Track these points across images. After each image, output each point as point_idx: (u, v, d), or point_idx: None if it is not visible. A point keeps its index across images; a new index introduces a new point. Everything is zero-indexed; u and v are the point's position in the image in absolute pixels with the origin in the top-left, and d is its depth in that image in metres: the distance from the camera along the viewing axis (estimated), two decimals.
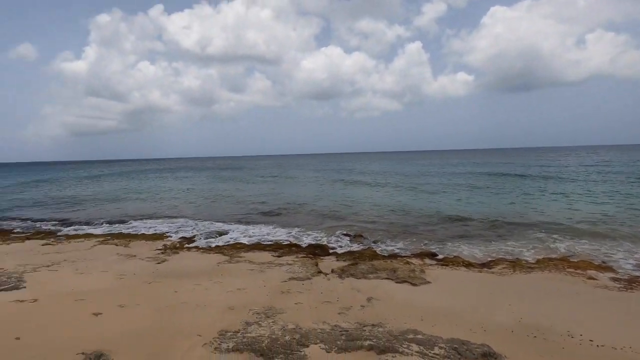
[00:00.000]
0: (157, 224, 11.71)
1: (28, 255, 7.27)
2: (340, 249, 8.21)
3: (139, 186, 28.30)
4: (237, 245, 8.33)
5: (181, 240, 8.99)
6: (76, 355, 3.07)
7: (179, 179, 36.05)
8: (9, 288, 4.77)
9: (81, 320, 3.80)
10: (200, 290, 5.00)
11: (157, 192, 23.36)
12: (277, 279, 5.65)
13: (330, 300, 4.68)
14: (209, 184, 28.23)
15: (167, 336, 3.55)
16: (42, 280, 5.23)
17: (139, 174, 48.87)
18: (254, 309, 4.32)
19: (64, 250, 7.80)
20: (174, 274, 5.89)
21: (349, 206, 14.62)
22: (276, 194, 19.35)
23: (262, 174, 38.25)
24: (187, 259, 7.13)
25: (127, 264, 6.56)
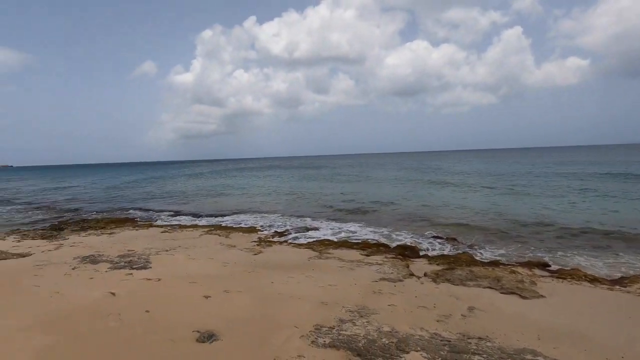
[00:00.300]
0: (251, 218, 12.65)
1: (151, 240, 8.50)
2: (431, 251, 7.75)
3: (234, 183, 31.09)
4: (326, 242, 8.47)
5: (273, 234, 9.53)
6: (192, 332, 3.41)
7: (268, 177, 38.59)
8: (139, 267, 5.59)
9: (194, 301, 4.23)
10: (293, 283, 5.18)
11: (250, 188, 25.32)
12: (367, 278, 5.55)
13: (426, 305, 4.40)
14: (295, 182, 29.56)
15: (267, 324, 3.72)
16: (163, 263, 6.02)
17: (234, 172, 53.81)
18: (347, 307, 4.28)
19: (177, 237, 8.91)
20: (269, 265, 6.24)
21: (437, 207, 13.78)
22: (361, 193, 19.27)
23: (346, 173, 38.62)
24: (280, 252, 7.50)
25: (229, 253, 7.18)
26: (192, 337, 3.33)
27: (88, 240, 8.51)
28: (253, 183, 30.56)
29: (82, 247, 7.68)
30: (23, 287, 4.64)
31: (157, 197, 22.09)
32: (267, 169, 59.46)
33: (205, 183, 32.62)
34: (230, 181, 33.96)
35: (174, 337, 3.30)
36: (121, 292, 4.35)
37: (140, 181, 38.68)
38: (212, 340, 3.30)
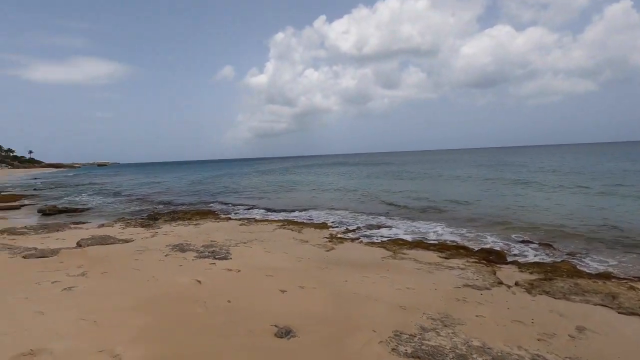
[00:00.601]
0: (321, 214, 12.75)
1: (231, 232, 9.03)
2: (522, 257, 6.91)
3: (304, 179, 31.90)
4: (399, 242, 8.10)
5: (344, 231, 9.44)
6: (270, 326, 3.44)
7: (337, 173, 38.82)
8: (221, 258, 5.93)
9: (271, 295, 4.30)
10: (368, 283, 5.00)
11: (319, 185, 25.71)
12: (448, 283, 5.12)
13: (522, 320, 3.86)
14: (364, 179, 29.22)
15: (343, 324, 3.61)
16: (242, 254, 6.31)
17: (304, 168, 55.33)
18: (428, 313, 3.97)
19: (254, 231, 9.34)
20: (342, 262, 6.14)
21: (522, 208, 12.34)
22: (433, 191, 18.23)
23: (416, 170, 37.04)
24: (352, 249, 7.37)
25: (302, 248, 7.27)
26: (271, 331, 3.35)
27: (178, 230, 9.37)
28: (322, 179, 30.99)
29: (172, 236, 8.47)
30: (127, 269, 5.21)
31: (234, 191, 23.67)
32: (336, 166, 59.94)
33: (277, 179, 34.06)
34: (300, 177, 34.97)
35: (253, 329, 3.36)
36: (206, 281, 4.62)
37: (220, 177, 41.94)
38: (290, 336, 3.29)
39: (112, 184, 34.88)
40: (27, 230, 9.71)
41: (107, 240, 7.20)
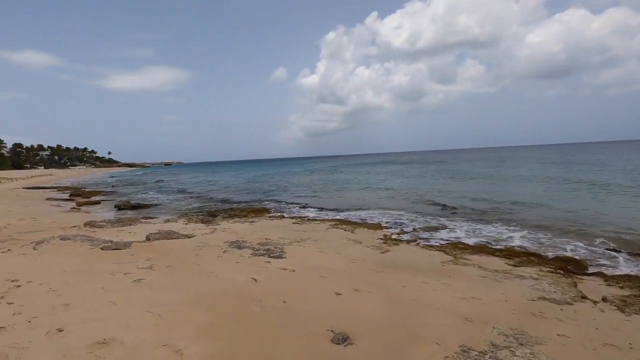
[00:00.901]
0: (374, 214, 12.43)
1: (284, 231, 9.14)
2: (608, 269, 6.04)
3: (355, 178, 31.60)
4: (460, 245, 7.56)
5: (399, 233, 9.07)
6: (326, 331, 3.32)
7: (389, 172, 37.92)
8: (275, 256, 5.97)
9: (326, 297, 4.19)
10: (428, 290, 4.68)
11: (371, 184, 25.26)
12: (520, 294, 4.61)
13: (616, 343, 3.31)
14: (418, 178, 28.14)
15: (403, 334, 3.37)
16: (296, 253, 6.31)
17: (355, 167, 54.93)
18: (499, 328, 3.57)
19: (306, 230, 9.36)
20: (398, 266, 5.86)
21: (602, 213, 10.86)
22: (495, 192, 16.92)
23: (475, 168, 34.82)
24: (408, 252, 7.02)
25: (355, 249, 7.10)
26: (327, 336, 3.24)
27: (234, 227, 9.73)
28: (374, 178, 30.44)
29: (229, 232, 8.79)
30: (188, 264, 5.46)
31: (287, 190, 24.17)
32: (388, 164, 58.65)
33: (328, 178, 34.16)
34: (351, 176, 34.72)
35: (309, 333, 3.27)
36: (262, 279, 4.65)
37: (273, 175, 43.21)
38: (347, 343, 3.14)
39: (176, 182, 37.62)
40: (105, 223, 10.74)
41: (172, 235, 7.66)
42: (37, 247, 6.27)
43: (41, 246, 6.33)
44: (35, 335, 2.93)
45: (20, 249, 6.34)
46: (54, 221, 11.83)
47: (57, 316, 3.32)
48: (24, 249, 6.31)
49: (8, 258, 5.69)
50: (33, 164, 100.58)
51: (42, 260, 5.51)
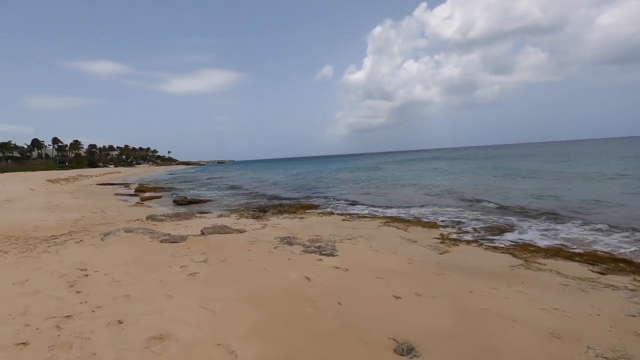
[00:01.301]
0: (427, 211, 11.75)
1: (334, 228, 8.92)
2: None
3: (405, 175, 30.55)
4: (530, 248, 6.78)
5: (458, 232, 8.41)
6: (387, 339, 3.01)
7: (440, 168, 36.19)
8: (327, 254, 5.74)
9: (384, 300, 3.87)
10: (499, 298, 4.15)
11: (422, 180, 24.19)
12: (615, 307, 3.91)
13: None
14: (473, 175, 26.42)
15: (478, 349, 2.95)
16: (348, 251, 6.04)
17: (404, 163, 53.31)
18: (595, 348, 3.00)
19: (357, 227, 9.05)
20: (460, 269, 5.34)
21: None
22: (564, 189, 15.24)
23: (535, 164, 31.94)
24: (470, 254, 6.42)
25: (411, 248, 6.66)
26: (389, 345, 2.92)
27: (284, 223, 9.71)
28: (425, 175, 29.19)
29: (280, 228, 8.77)
30: (241, 260, 5.43)
31: (335, 186, 23.98)
32: (438, 160, 56.11)
33: (376, 174, 33.41)
34: (400, 173, 33.65)
35: (369, 341, 2.98)
36: (314, 278, 4.45)
37: (320, 172, 43.34)
38: (412, 355, 2.81)
39: (228, 179, 39.23)
40: (164, 217, 11.33)
41: (225, 230, 7.79)
42: (104, 238, 6.68)
43: (108, 237, 6.73)
44: (97, 325, 2.99)
45: (91, 239, 6.80)
46: (121, 214, 12.78)
47: (118, 307, 3.38)
48: (93, 239, 6.76)
49: (80, 248, 6.11)
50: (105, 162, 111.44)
51: (108, 251, 5.82)
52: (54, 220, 11.05)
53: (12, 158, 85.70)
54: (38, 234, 8.47)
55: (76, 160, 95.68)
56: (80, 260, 5.15)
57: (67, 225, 10.09)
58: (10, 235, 8.29)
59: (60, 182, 35.32)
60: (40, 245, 6.67)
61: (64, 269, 4.73)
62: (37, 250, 6.15)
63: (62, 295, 3.69)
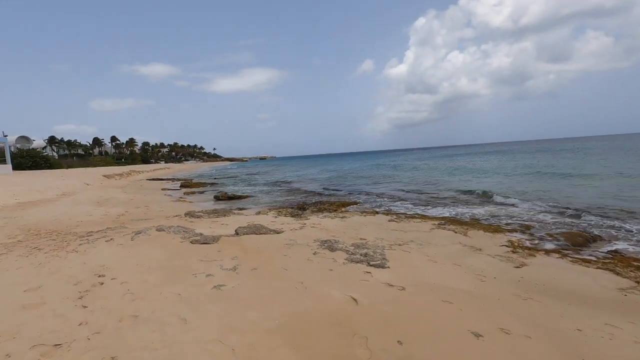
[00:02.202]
0: (485, 211, 10.33)
1: (380, 229, 7.93)
2: None
3: (454, 170, 28.48)
4: (634, 262, 5.34)
5: (531, 238, 7.04)
6: None
7: (492, 164, 33.44)
8: (376, 264, 4.80)
9: (460, 340, 2.86)
10: (627, 343, 2.96)
11: (474, 176, 22.22)
12: None
13: None
14: (528, 170, 23.83)
15: None
16: (400, 261, 5.05)
17: (449, 159, 50.39)
18: None
19: (406, 229, 7.98)
20: (551, 291, 4.15)
21: None
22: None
23: (604, 158, 28.26)
24: (555, 268, 5.13)
25: (477, 259, 5.50)
26: None
27: (325, 223, 8.88)
28: (474, 171, 26.96)
29: (320, 229, 7.95)
30: (275, 268, 4.67)
31: (377, 182, 22.80)
32: (487, 155, 52.34)
33: (421, 170, 31.59)
34: (447, 168, 31.51)
35: None
36: (363, 300, 3.53)
37: (361, 168, 42.12)
38: None
39: (269, 175, 39.36)
40: (202, 214, 11.01)
41: (260, 230, 7.13)
42: (134, 237, 6.28)
43: (138, 237, 6.33)
44: None
45: (122, 238, 6.44)
46: (162, 210, 12.73)
47: (119, 334, 2.73)
48: (124, 238, 6.39)
49: (107, 248, 5.72)
50: (156, 159, 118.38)
51: (135, 253, 5.36)
52: (99, 215, 11.15)
53: (77, 155, 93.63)
54: (79, 229, 8.40)
55: (131, 156, 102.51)
56: (102, 264, 4.68)
57: (109, 220, 10.05)
58: (53, 231, 8.29)
59: (114, 177, 37.51)
60: (74, 242, 6.43)
61: (83, 274, 4.26)
62: (67, 249, 5.86)
63: (65, 311, 3.14)
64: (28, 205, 13.84)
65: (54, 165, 53.16)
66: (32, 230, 8.42)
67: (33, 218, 10.51)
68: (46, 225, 9.20)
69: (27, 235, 7.89)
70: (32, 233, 8.12)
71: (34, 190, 18.49)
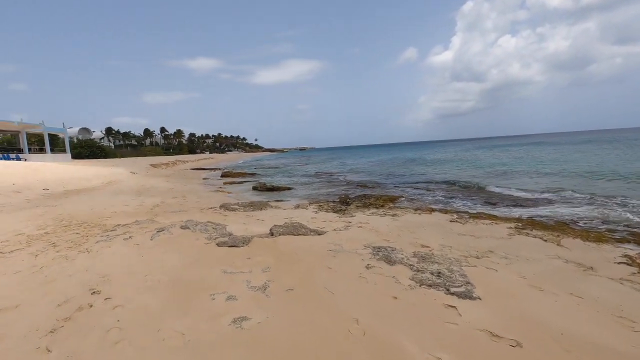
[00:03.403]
0: (564, 211, 8.43)
1: (443, 233, 6.49)
2: None
3: (510, 162, 25.64)
4: None
5: None
6: None
7: (551, 155, 29.86)
8: (459, 293, 3.40)
9: None
10: None
11: (536, 168, 19.57)
12: None
13: None
14: (599, 160, 20.56)
15: None
16: (490, 287, 3.62)
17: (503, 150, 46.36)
18: None
19: (476, 233, 6.46)
20: None
21: None
22: None
23: None
24: None
25: (595, 284, 3.91)
26: None
27: (373, 222, 7.58)
28: (534, 163, 23.99)
29: (368, 230, 6.68)
30: (316, 290, 3.50)
31: (424, 174, 20.94)
32: (545, 146, 47.42)
33: (472, 162, 28.94)
34: (501, 160, 28.56)
35: None
36: None
37: (403, 159, 39.90)
38: None
39: (309, 166, 38.55)
40: (238, 207, 10.18)
41: (299, 230, 6.02)
42: (154, 236, 5.43)
43: (159, 235, 5.47)
44: None
45: (142, 236, 5.64)
46: (198, 201, 12.13)
47: None
48: (144, 236, 5.58)
49: (122, 248, 4.90)
50: (202, 149, 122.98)
51: (149, 257, 4.46)
52: (134, 205, 10.72)
53: (130, 145, 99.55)
54: (109, 221, 7.84)
55: (179, 147, 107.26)
56: (106, 273, 3.80)
57: (142, 211, 9.51)
58: (84, 222, 7.80)
59: (161, 167, 38.75)
60: (93, 238, 5.74)
61: (76, 288, 3.39)
62: (82, 247, 5.14)
63: (28, 350, 2.20)
64: (73, 193, 13.92)
65: (109, 155, 56.52)
66: (64, 221, 8.01)
67: (71, 207, 10.27)
68: (80, 215, 8.81)
69: (57, 226, 7.44)
70: (63, 224, 7.67)
71: (83, 178, 18.99)
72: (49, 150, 36.74)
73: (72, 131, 70.40)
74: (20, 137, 34.15)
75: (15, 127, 31.14)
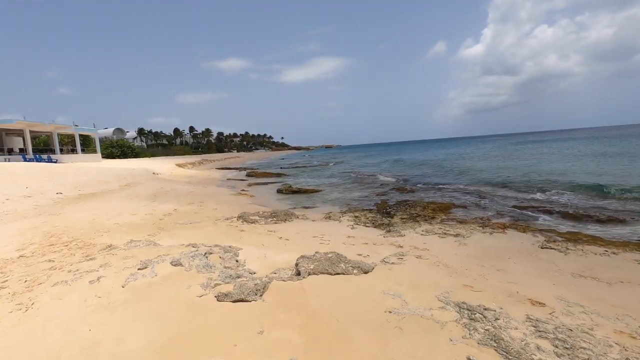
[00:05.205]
0: None
1: (544, 270, 4.47)
2: None
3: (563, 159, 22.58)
4: None
5: None
6: None
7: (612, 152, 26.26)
8: None
9: None
10: None
11: (600, 170, 16.68)
12: None
13: None
14: None
15: None
16: None
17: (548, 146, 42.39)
18: None
19: (597, 271, 4.40)
20: None
21: None
22: None
23: None
24: None
25: None
26: None
27: (433, 246, 5.66)
28: (594, 164, 20.88)
29: (433, 262, 4.77)
30: None
31: (463, 174, 18.54)
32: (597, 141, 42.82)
33: (518, 160, 25.97)
34: (549, 157, 25.40)
35: None
36: None
37: (435, 157, 37.15)
38: None
39: (336, 165, 36.74)
40: (258, 218, 8.57)
41: (336, 266, 4.23)
42: (130, 280, 3.80)
43: (136, 279, 3.85)
44: None
45: (116, 276, 4.03)
46: (216, 208, 10.66)
47: None
48: (117, 278, 3.96)
49: (71, 307, 3.29)
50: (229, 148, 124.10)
51: (101, 334, 2.81)
52: (143, 214, 9.34)
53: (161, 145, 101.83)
54: (102, 239, 6.39)
55: (207, 146, 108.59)
56: None
57: (149, 223, 8.07)
58: (74, 239, 6.38)
59: (187, 166, 38.24)
60: (60, 273, 4.25)
61: None
62: (32, 293, 3.62)
63: None
64: (87, 198, 12.82)
65: (139, 155, 57.27)
66: (54, 237, 6.65)
67: (74, 216, 8.99)
68: (77, 227, 7.46)
69: (42, 244, 6.06)
70: (51, 241, 6.30)
71: (102, 180, 18.17)
72: (80, 151, 37.17)
73: (107, 132, 72.54)
74: (52, 138, 34.68)
75: (47, 128, 31.49)
